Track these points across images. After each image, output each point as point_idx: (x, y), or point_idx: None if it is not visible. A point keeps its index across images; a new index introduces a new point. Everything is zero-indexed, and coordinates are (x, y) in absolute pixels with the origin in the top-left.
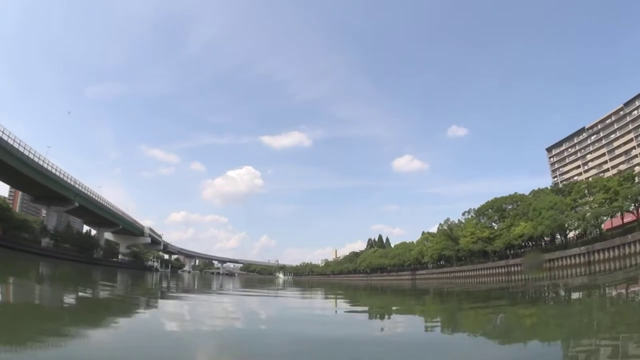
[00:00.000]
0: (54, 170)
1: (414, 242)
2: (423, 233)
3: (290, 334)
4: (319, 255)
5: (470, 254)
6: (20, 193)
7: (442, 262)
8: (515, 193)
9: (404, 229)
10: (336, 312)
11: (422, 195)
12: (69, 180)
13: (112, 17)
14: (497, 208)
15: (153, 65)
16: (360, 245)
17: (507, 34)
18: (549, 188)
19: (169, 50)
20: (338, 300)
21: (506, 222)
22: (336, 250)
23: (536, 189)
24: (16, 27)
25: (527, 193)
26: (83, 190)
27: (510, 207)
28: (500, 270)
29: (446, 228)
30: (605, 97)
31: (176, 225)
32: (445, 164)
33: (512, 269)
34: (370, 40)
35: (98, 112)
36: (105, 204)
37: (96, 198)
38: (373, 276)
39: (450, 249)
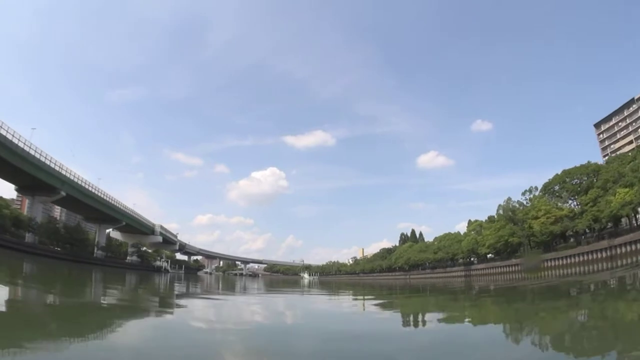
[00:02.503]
0: (31, 151)
1: (460, 232)
2: (470, 222)
3: None
4: (345, 254)
5: (552, 239)
6: None
7: (492, 255)
8: (589, 162)
9: (431, 227)
10: None
11: (448, 191)
12: (50, 163)
13: (129, 21)
14: (568, 182)
15: (172, 67)
16: (386, 244)
17: (526, 31)
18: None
19: (187, 53)
20: None
21: (591, 193)
22: (363, 249)
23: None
24: (30, 31)
25: None
26: (72, 177)
27: (586, 179)
28: (598, 255)
29: (501, 212)
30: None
31: (202, 228)
32: (471, 159)
33: (618, 250)
34: (388, 36)
35: (119, 116)
36: (99, 194)
37: (88, 187)
38: (412, 274)
39: (517, 235)
